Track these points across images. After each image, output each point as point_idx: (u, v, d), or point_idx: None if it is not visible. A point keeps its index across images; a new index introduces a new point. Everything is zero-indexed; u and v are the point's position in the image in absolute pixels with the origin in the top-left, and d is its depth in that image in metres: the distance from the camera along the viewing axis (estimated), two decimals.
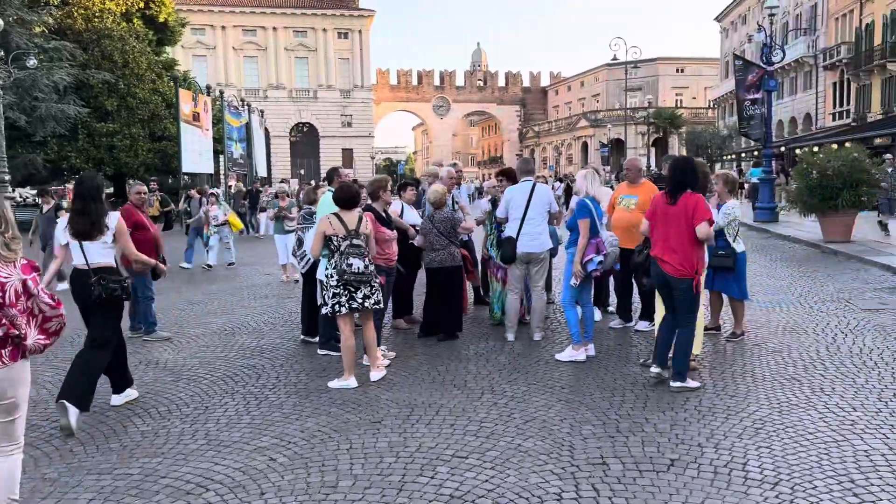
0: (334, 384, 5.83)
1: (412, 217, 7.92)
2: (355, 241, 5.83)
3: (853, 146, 16.72)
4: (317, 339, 7.25)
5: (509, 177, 7.90)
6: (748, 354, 6.52)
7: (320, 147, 78.27)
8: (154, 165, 31.57)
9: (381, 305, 6.18)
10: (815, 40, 48.26)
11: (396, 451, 4.44)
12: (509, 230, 7.11)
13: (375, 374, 5.99)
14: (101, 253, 5.33)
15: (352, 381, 5.82)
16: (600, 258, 6.34)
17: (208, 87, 34.28)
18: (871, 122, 38.72)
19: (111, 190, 33.26)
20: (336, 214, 5.97)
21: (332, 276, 5.85)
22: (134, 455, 4.52)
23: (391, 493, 3.87)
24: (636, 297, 7.88)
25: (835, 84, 45.86)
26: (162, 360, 6.89)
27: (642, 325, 7.58)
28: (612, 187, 12.59)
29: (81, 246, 5.28)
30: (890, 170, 15.31)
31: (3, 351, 3.32)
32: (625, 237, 7.03)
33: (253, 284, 11.84)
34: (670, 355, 5.63)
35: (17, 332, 3.30)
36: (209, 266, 13.65)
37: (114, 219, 5.42)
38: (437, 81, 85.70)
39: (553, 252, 7.66)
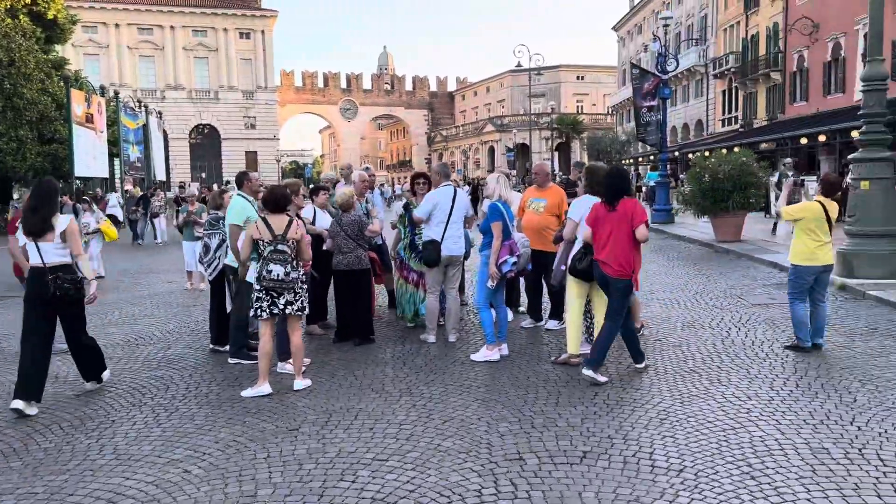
0: (247, 393, 5.72)
1: (325, 222, 7.87)
2: (279, 247, 5.78)
3: (741, 151, 17.77)
4: (227, 347, 7.10)
5: (429, 180, 7.98)
6: (651, 349, 6.85)
7: (222, 149, 76.17)
8: (44, 169, 29.76)
9: (305, 312, 6.11)
10: (705, 50, 50.90)
11: (316, 457, 4.43)
12: (433, 234, 7.17)
13: (299, 383, 5.89)
14: (55, 253, 5.53)
15: (265, 388, 5.74)
16: (514, 259, 6.52)
17: (102, 88, 32.78)
18: (757, 128, 41.18)
19: None
20: (264, 218, 5.92)
21: (255, 281, 5.82)
22: (38, 473, 4.31)
23: (312, 499, 3.86)
24: (546, 298, 8.12)
25: (724, 92, 48.50)
26: (62, 374, 6.57)
27: (552, 324, 7.82)
28: (518, 191, 12.89)
29: (37, 245, 5.48)
30: (790, 174, 16.08)
31: None
32: (535, 239, 7.25)
33: (155, 293, 11.43)
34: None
35: None
36: (100, 276, 13.04)
37: (65, 220, 5.59)
38: (343, 84, 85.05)
39: (465, 255, 7.80)
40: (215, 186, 27.95)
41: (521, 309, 8.60)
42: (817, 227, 6.59)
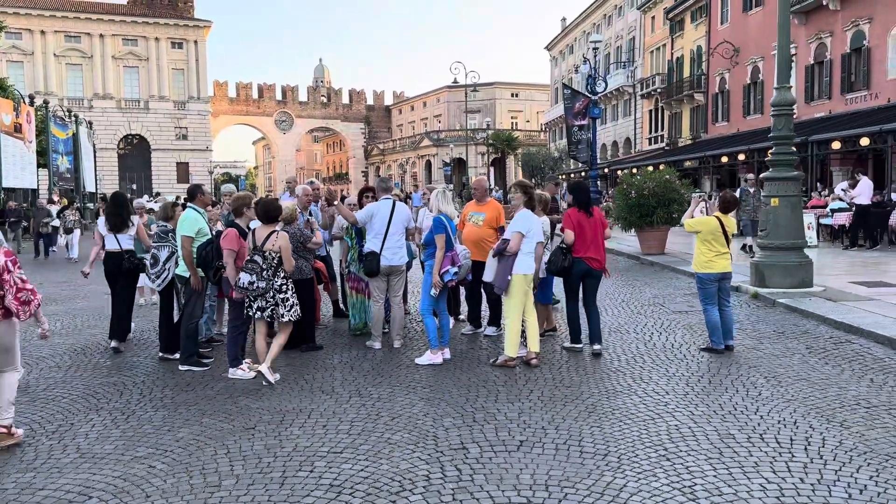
0: (269, 376, 6.31)
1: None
2: (254, 258, 6.24)
3: (665, 169, 18.78)
4: (176, 355, 7.31)
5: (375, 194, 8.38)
6: (582, 352, 7.39)
7: (152, 160, 74.57)
8: None
9: (277, 318, 6.48)
10: (633, 71, 52.89)
11: (274, 451, 4.76)
12: (373, 245, 7.57)
13: (272, 376, 6.33)
14: (126, 241, 8.04)
15: (268, 376, 6.34)
16: (455, 269, 6.98)
17: (32, 97, 31.91)
18: (682, 146, 43.04)
19: None
20: (253, 229, 6.55)
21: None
22: (4, 471, 4.51)
23: (274, 487, 4.19)
24: (485, 305, 8.60)
25: (651, 111, 50.46)
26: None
27: (490, 331, 8.31)
28: (456, 207, 13.38)
29: (116, 237, 7.95)
30: (752, 190, 16.31)
31: None
32: (475, 250, 7.72)
33: (96, 306, 11.39)
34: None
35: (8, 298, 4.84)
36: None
37: (137, 220, 8.46)
38: (279, 96, 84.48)
39: (408, 265, 8.23)
40: (146, 197, 27.37)
41: (462, 317, 9.05)
42: (714, 239, 7.41)
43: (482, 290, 8.29)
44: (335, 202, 9.18)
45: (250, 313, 6.45)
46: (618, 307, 10.14)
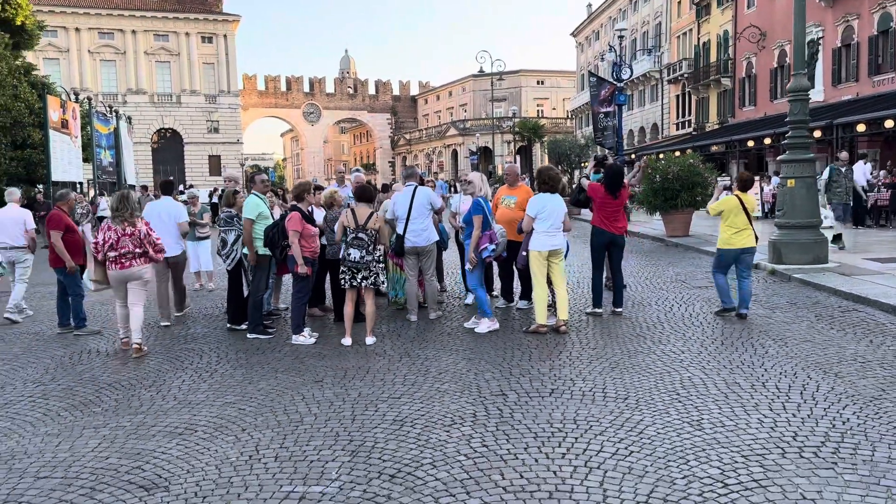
0: (346, 341, 7.36)
1: (318, 217, 9.00)
2: (360, 235, 7.18)
3: (689, 154, 19.30)
4: (243, 326, 8.19)
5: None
6: (607, 321, 8.14)
7: (185, 153, 76.22)
8: (17, 175, 30.23)
9: (377, 285, 7.45)
10: (660, 56, 52.97)
11: (342, 397, 5.58)
12: (399, 229, 8.41)
13: (370, 339, 7.38)
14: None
15: (347, 340, 7.38)
16: (493, 247, 7.78)
17: (77, 94, 33.19)
18: (709, 131, 43.22)
19: None
20: (352, 210, 7.33)
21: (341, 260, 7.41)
22: (118, 413, 5.39)
23: (347, 421, 5.02)
24: (517, 282, 9.35)
25: (678, 97, 50.55)
26: (102, 350, 7.60)
27: (522, 304, 9.08)
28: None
29: None
30: (843, 169, 15.08)
31: (143, 259, 7.37)
32: (507, 230, 8.47)
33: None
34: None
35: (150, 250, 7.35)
36: None
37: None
38: (306, 88, 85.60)
39: (444, 246, 9.03)
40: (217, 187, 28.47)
41: (495, 293, 9.82)
42: (735, 217, 8.03)
43: (514, 267, 9.05)
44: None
45: (354, 283, 7.36)
46: (641, 284, 10.83)
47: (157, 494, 3.95)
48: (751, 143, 30.73)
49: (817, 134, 26.54)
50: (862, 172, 17.94)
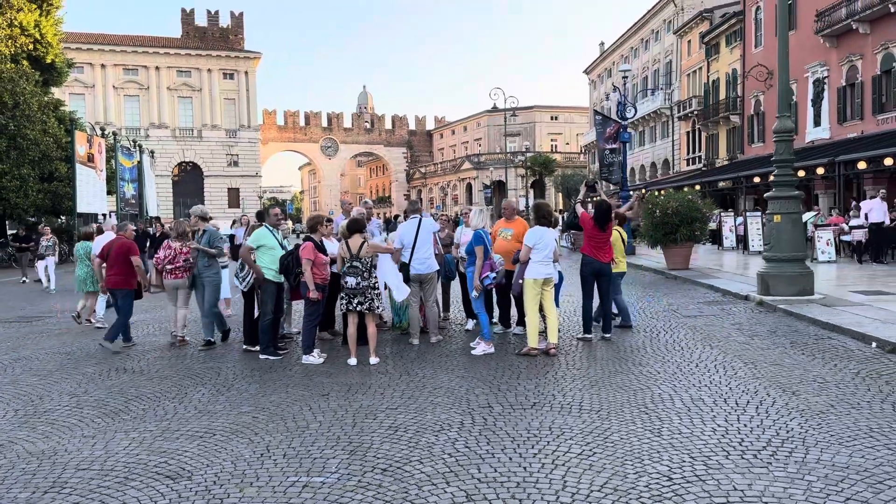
0: (351, 362, 7.99)
1: (332, 248, 9.71)
2: (354, 263, 7.87)
3: (688, 190, 19.96)
4: (257, 347, 8.87)
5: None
6: (594, 345, 8.74)
7: (205, 186, 77.89)
8: (45, 206, 31.41)
9: (373, 309, 8.09)
10: (670, 94, 53.93)
11: (345, 408, 6.23)
12: (404, 257, 9.10)
13: (374, 359, 8.01)
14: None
15: (353, 360, 7.97)
16: (494, 275, 8.47)
17: (102, 129, 34.49)
18: (719, 167, 43.88)
19: None
20: (346, 241, 8.00)
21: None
22: (145, 420, 6.06)
23: (348, 427, 5.65)
24: (514, 309, 9.98)
25: (688, 133, 51.37)
26: (129, 368, 8.30)
27: (518, 330, 9.70)
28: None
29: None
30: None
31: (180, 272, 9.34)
32: (504, 260, 9.14)
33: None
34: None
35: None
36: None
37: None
38: (324, 123, 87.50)
39: (451, 275, 9.75)
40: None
41: (494, 319, 10.44)
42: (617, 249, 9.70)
43: (511, 295, 9.70)
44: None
45: (351, 308, 8.05)
46: (634, 313, 11.41)
47: (182, 482, 4.60)
48: (757, 179, 31.30)
49: (820, 171, 27.15)
50: (883, 210, 18.40)
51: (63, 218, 34.69)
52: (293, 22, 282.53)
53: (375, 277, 8.13)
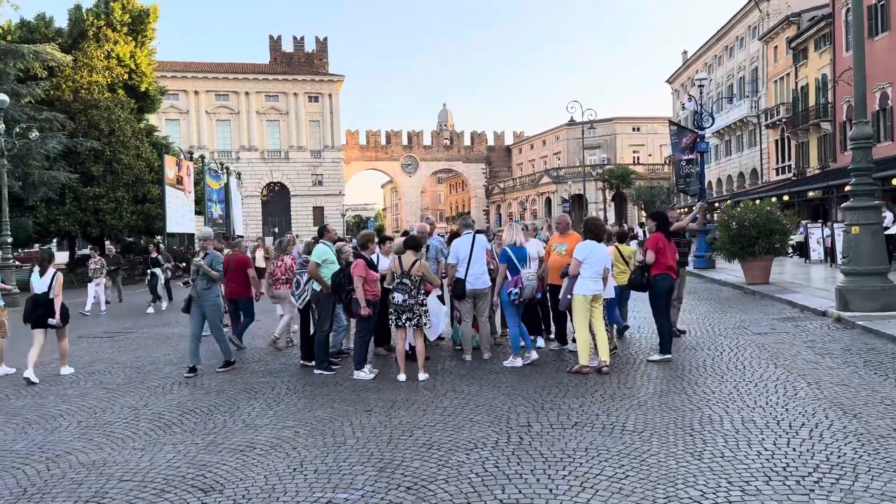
0: (400, 378, 8.02)
1: (386, 265, 9.83)
2: (404, 280, 7.99)
3: (765, 201, 19.14)
4: (313, 362, 9.05)
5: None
6: (650, 364, 8.47)
7: (291, 205, 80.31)
8: (138, 227, 33.15)
9: (421, 325, 8.15)
10: (757, 101, 52.05)
11: (384, 424, 6.27)
12: (459, 273, 9.09)
13: (422, 375, 8.04)
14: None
15: (402, 376, 8.00)
16: (517, 290, 8.43)
17: (191, 153, 36.18)
18: (809, 176, 41.94)
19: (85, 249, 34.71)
20: (399, 257, 8.15)
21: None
22: (195, 433, 6.28)
23: (383, 444, 5.69)
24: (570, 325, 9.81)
25: (776, 141, 49.37)
26: (191, 382, 8.62)
27: (574, 346, 9.51)
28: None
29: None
30: None
31: (288, 284, 10.66)
32: (556, 275, 9.03)
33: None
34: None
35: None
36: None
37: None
38: (405, 141, 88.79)
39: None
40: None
41: (551, 336, 10.31)
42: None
43: (567, 311, 9.54)
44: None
45: (399, 324, 8.13)
46: (702, 330, 11.02)
47: (213, 496, 4.74)
48: (848, 188, 29.71)
49: None
50: None
51: (158, 237, 36.55)
52: (374, 43, 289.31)
53: (423, 294, 8.17)
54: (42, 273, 9.44)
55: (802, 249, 25.31)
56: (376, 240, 9.06)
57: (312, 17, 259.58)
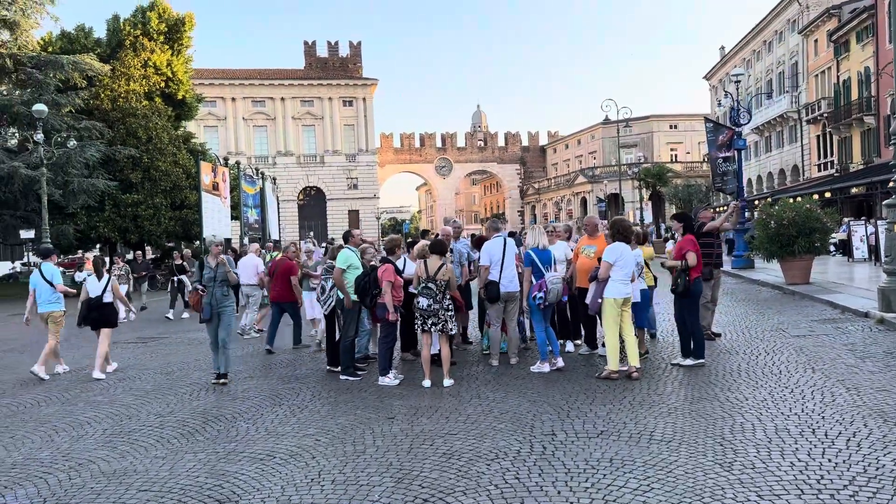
0: (425, 383, 7.94)
1: (412, 269, 9.74)
2: (429, 285, 7.92)
3: (805, 199, 18.60)
4: (339, 368, 9.00)
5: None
6: (684, 369, 8.23)
7: (327, 209, 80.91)
8: (175, 232, 33.67)
9: (446, 331, 8.08)
10: (797, 96, 50.86)
11: (406, 432, 6.17)
12: (492, 276, 8.93)
13: (447, 381, 7.95)
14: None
15: (427, 382, 7.94)
16: (542, 294, 8.25)
17: (226, 159, 36.65)
18: (853, 171, 40.82)
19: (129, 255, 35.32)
20: (425, 261, 8.05)
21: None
22: (217, 441, 6.26)
23: (403, 453, 5.59)
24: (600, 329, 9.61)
25: (818, 137, 48.18)
26: (218, 389, 8.63)
27: (603, 351, 9.31)
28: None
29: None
30: None
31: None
32: (584, 278, 8.84)
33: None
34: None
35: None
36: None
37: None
38: (438, 143, 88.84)
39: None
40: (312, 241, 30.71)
41: (579, 342, 10.10)
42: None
43: (597, 315, 9.34)
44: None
45: (425, 328, 8.08)
46: (739, 332, 10.72)
47: None
48: (891, 184, 28.81)
49: None
50: None
51: (197, 242, 37.05)
52: (407, 46, 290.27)
53: (449, 300, 8.05)
54: (99, 277, 10.05)
55: (845, 248, 24.61)
56: (403, 245, 8.96)
57: (346, 23, 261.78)
